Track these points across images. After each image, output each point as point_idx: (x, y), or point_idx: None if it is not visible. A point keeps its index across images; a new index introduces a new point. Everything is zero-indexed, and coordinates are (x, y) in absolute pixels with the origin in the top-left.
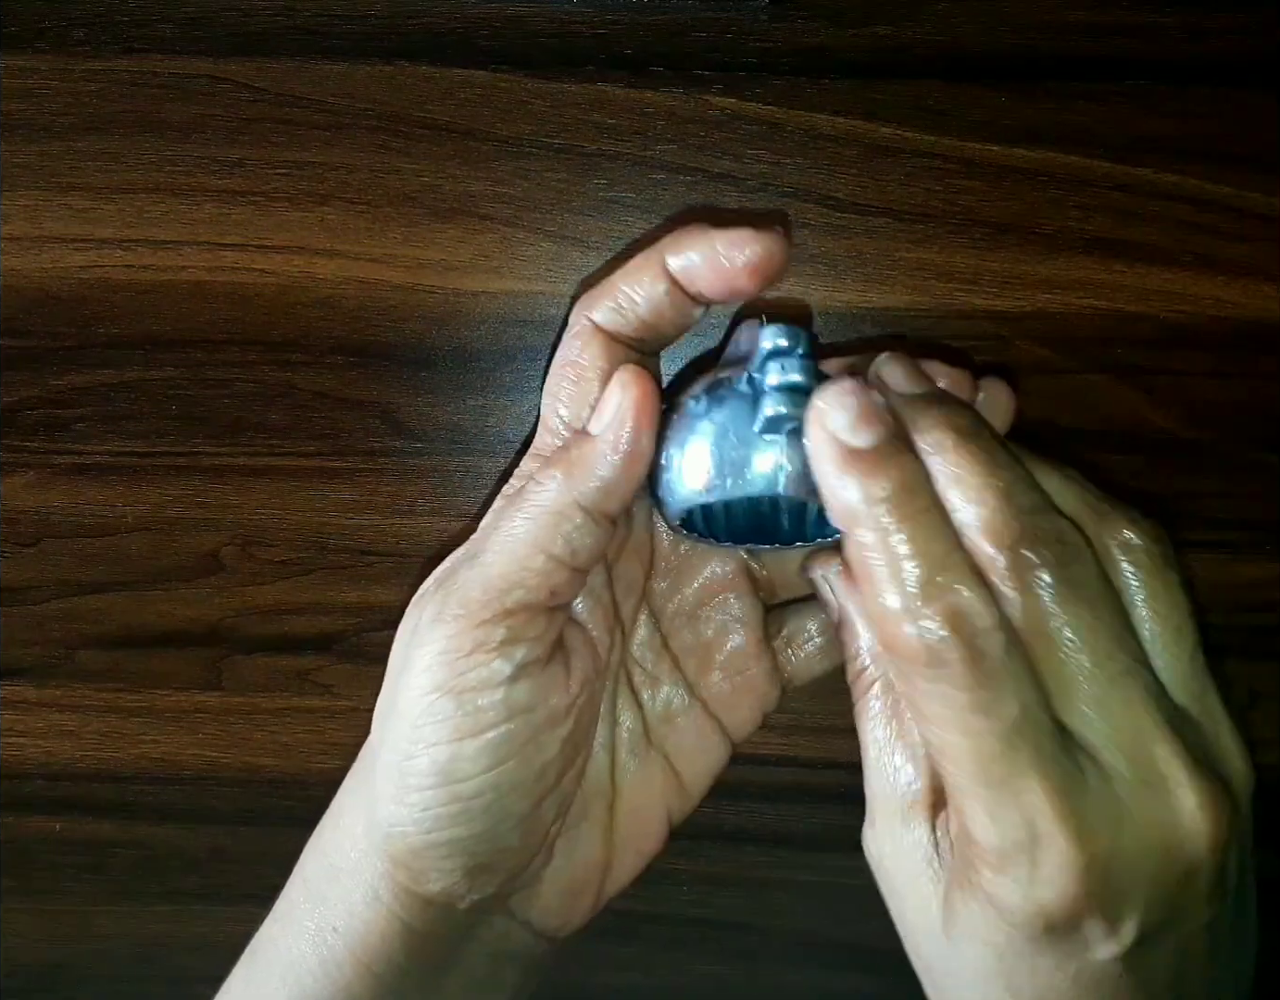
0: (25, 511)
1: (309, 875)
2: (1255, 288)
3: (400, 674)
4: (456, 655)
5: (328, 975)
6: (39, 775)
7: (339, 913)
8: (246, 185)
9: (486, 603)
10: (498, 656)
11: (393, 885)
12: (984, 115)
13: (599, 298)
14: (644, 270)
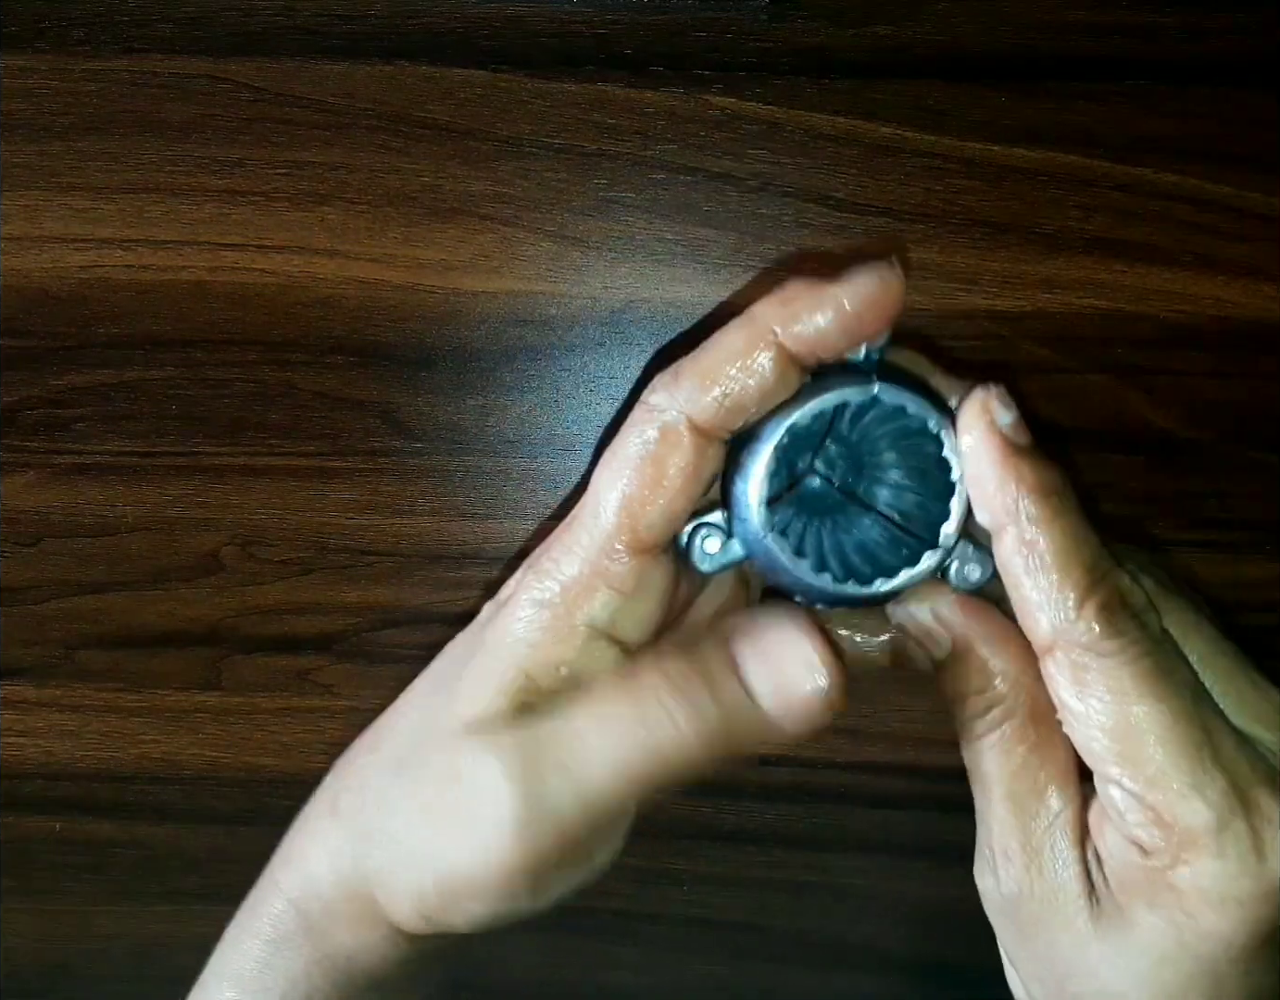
0: (25, 511)
1: (299, 903)
2: (1255, 287)
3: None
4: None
5: (339, 997)
6: (39, 775)
7: (346, 947)
8: (246, 185)
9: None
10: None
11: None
12: (984, 115)
13: (695, 389)
14: (747, 348)
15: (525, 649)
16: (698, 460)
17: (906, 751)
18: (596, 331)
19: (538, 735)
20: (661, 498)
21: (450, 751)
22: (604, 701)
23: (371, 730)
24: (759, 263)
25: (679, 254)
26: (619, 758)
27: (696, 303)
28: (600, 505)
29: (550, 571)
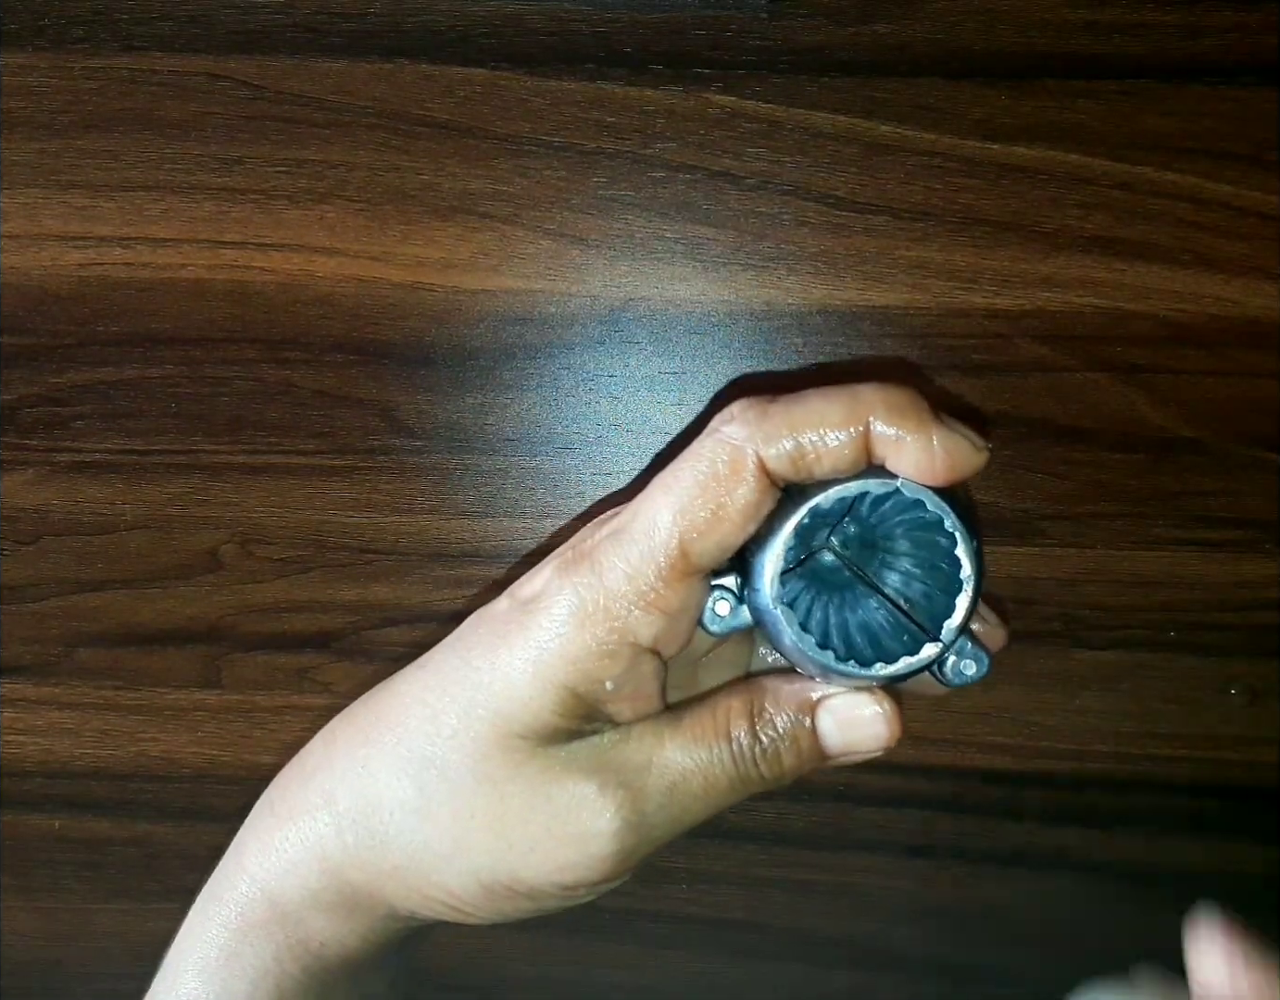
0: (25, 509)
1: (274, 892)
2: (1255, 286)
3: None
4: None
5: (312, 985)
6: (38, 773)
7: (322, 933)
8: (246, 183)
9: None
10: None
11: (401, 913)
12: (983, 113)
13: (778, 434)
14: (839, 423)
15: (566, 663)
16: (759, 499)
17: (907, 751)
18: (596, 329)
19: (635, 766)
20: (719, 526)
21: (513, 765)
22: (699, 740)
23: (360, 718)
24: (759, 261)
25: (678, 252)
26: (711, 793)
27: (696, 301)
28: (656, 523)
29: (594, 585)
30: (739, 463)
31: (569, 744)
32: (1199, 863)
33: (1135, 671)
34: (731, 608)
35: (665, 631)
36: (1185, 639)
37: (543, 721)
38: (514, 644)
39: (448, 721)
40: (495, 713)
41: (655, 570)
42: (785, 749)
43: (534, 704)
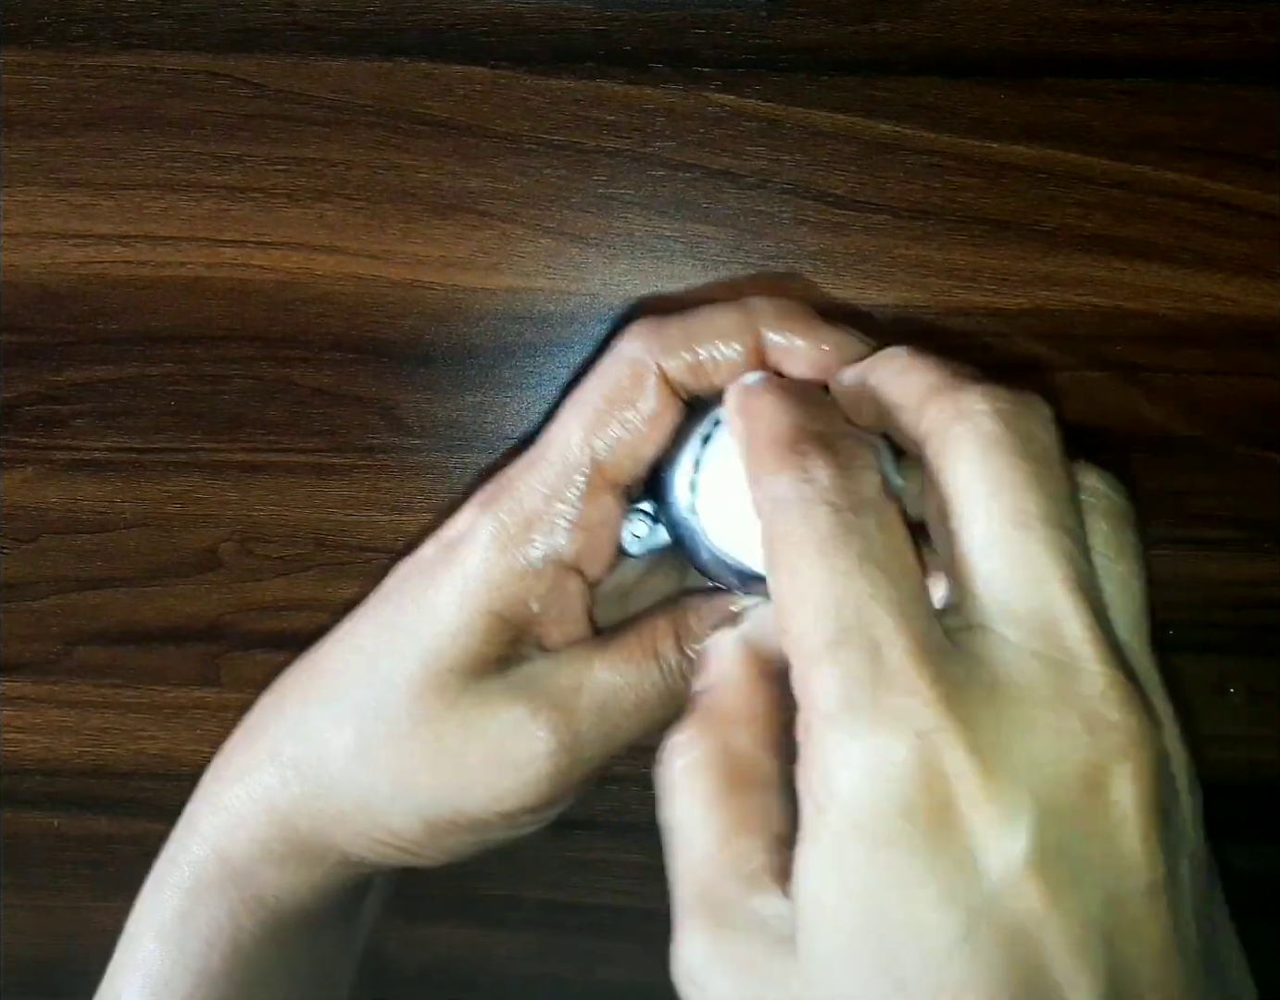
0: (23, 507)
1: (224, 849)
2: (1254, 285)
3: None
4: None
5: (268, 940)
6: (37, 771)
7: (276, 886)
8: (245, 181)
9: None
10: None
11: (352, 859)
12: (983, 112)
13: (674, 346)
14: (733, 333)
15: (490, 589)
16: (663, 407)
17: None
18: (595, 328)
19: (565, 688)
20: (628, 438)
21: (447, 703)
22: (628, 658)
23: (304, 673)
24: (758, 259)
25: (678, 251)
26: (642, 711)
27: (695, 300)
28: (569, 442)
29: (511, 509)
30: (641, 376)
31: (501, 674)
32: None
33: None
34: (649, 527)
35: (586, 548)
36: (1184, 638)
37: (473, 653)
38: (440, 580)
39: (382, 665)
40: (426, 650)
41: (571, 487)
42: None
43: (461, 636)
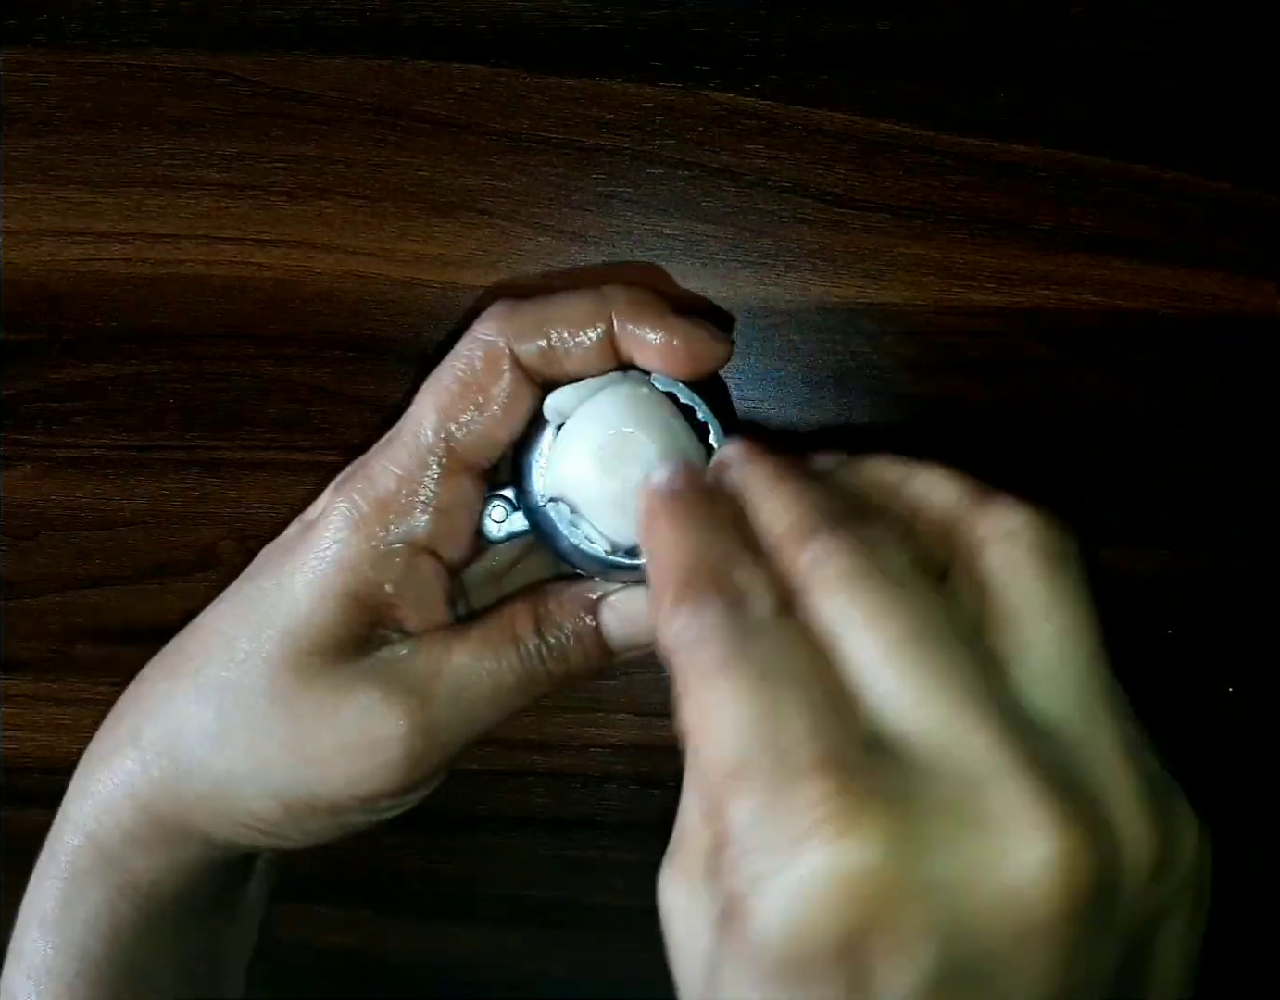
0: (23, 505)
1: (95, 835)
2: (1253, 284)
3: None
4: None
5: (147, 927)
6: (37, 769)
7: (149, 872)
8: (244, 179)
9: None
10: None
11: (217, 842)
12: (982, 111)
13: (527, 329)
14: (585, 320)
15: (344, 570)
16: (516, 390)
17: None
18: None
19: (422, 673)
20: (480, 420)
21: (303, 684)
22: (486, 643)
23: (167, 656)
24: (757, 257)
25: (677, 249)
26: (500, 696)
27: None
28: (421, 423)
29: (365, 490)
30: (494, 358)
31: (359, 658)
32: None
33: (1134, 670)
34: (508, 514)
35: (439, 530)
36: (1184, 637)
37: (329, 634)
38: (295, 562)
39: (241, 646)
40: (283, 631)
41: (424, 468)
42: (570, 647)
43: (317, 617)
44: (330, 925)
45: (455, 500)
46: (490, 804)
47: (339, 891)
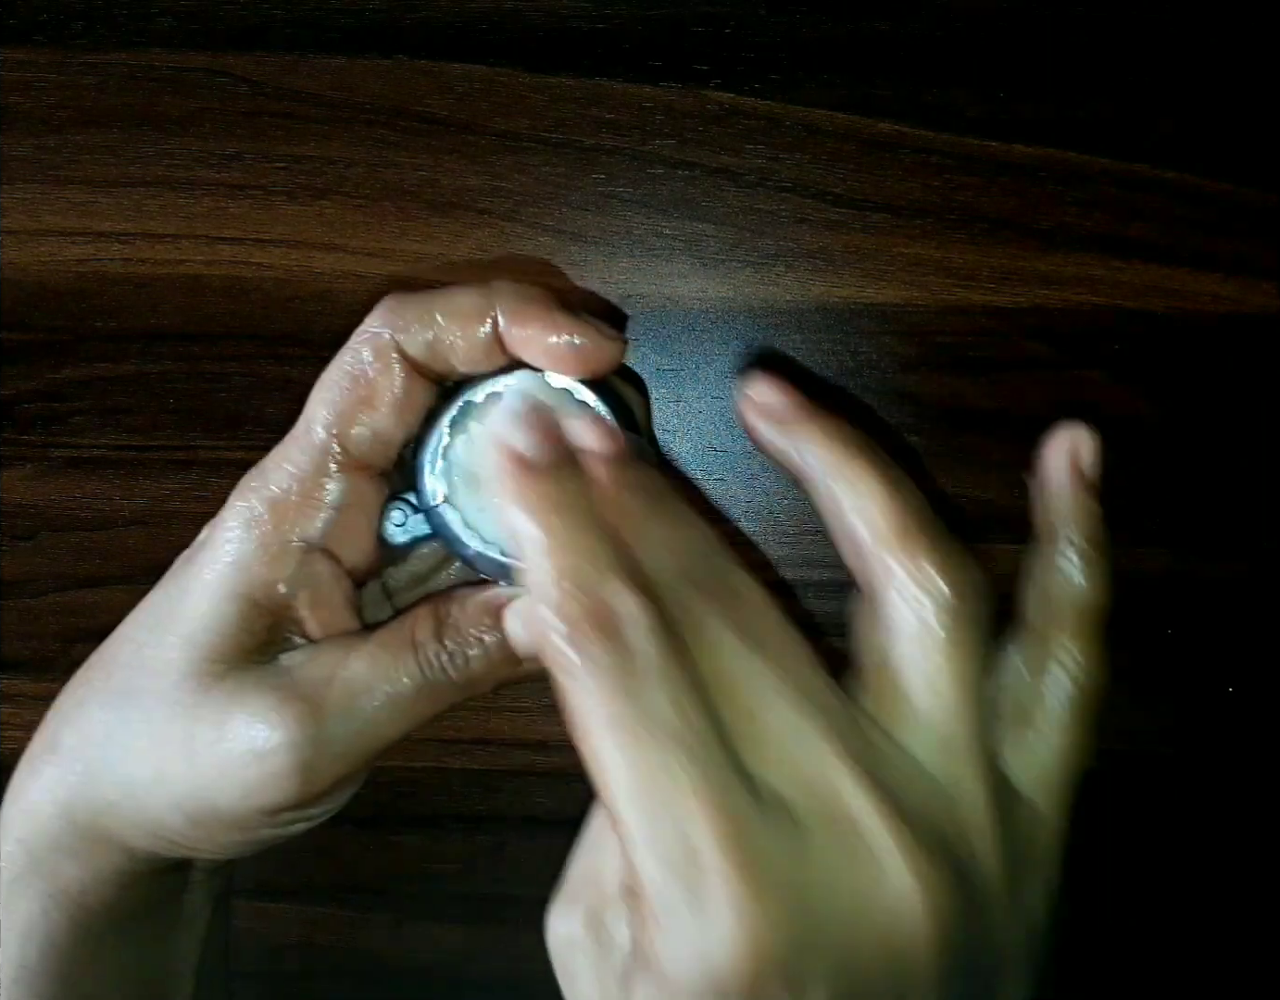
0: (22, 505)
1: (26, 842)
2: (1253, 284)
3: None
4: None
5: (82, 936)
6: None
7: (78, 880)
8: (244, 179)
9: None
10: None
11: (137, 852)
12: (982, 111)
13: (412, 323)
14: (472, 315)
15: (238, 571)
16: (406, 385)
17: None
18: None
19: (316, 680)
20: (371, 416)
21: (203, 690)
22: (384, 649)
23: (89, 664)
24: (757, 257)
25: (677, 249)
26: (400, 704)
27: (694, 298)
28: (312, 421)
29: (259, 489)
30: (381, 352)
31: (258, 665)
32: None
33: (1134, 670)
34: (407, 516)
35: (336, 530)
36: (1184, 636)
37: (228, 639)
38: (196, 565)
39: (147, 652)
40: (183, 637)
41: (317, 466)
42: (474, 653)
43: (214, 621)
44: (327, 926)
45: (350, 500)
46: (490, 804)
47: (335, 892)
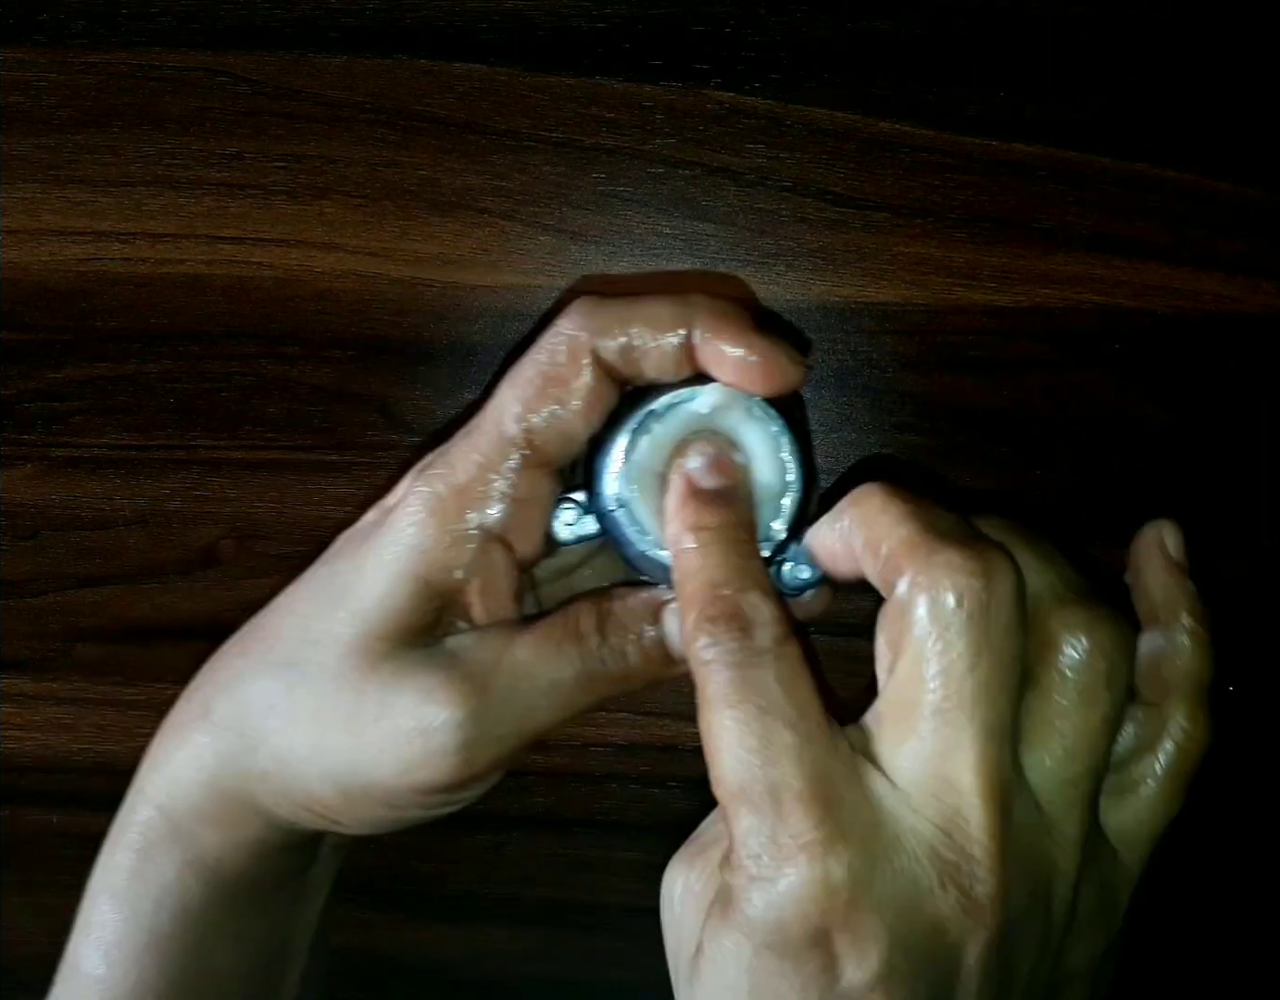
0: (23, 504)
1: (166, 808)
2: (1254, 283)
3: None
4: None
5: (214, 903)
6: (36, 768)
7: (215, 848)
8: (244, 178)
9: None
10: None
11: (279, 822)
12: (982, 110)
13: (609, 327)
14: (667, 324)
15: (417, 554)
16: (597, 387)
17: None
18: None
19: (483, 662)
20: (559, 413)
21: (369, 666)
22: (548, 638)
23: (244, 635)
24: (758, 257)
25: (677, 248)
26: (559, 693)
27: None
28: (502, 415)
29: (445, 475)
30: (576, 353)
31: (425, 645)
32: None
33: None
34: (578, 516)
35: (514, 521)
36: None
37: (398, 619)
38: (372, 544)
39: (314, 626)
40: (354, 614)
41: (503, 457)
42: (631, 649)
43: (388, 600)
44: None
45: (530, 493)
46: (490, 804)
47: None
